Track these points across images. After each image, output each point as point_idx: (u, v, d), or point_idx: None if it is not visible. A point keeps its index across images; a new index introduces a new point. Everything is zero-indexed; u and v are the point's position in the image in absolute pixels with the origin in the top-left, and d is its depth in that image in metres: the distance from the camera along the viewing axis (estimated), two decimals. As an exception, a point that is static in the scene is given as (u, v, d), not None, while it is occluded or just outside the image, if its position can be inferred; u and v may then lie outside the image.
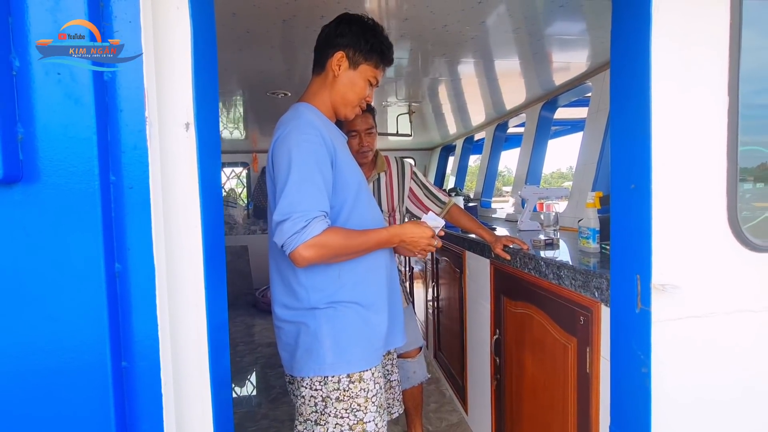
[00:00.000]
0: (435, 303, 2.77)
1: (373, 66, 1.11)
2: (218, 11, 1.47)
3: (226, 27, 1.60)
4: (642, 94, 0.77)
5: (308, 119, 0.98)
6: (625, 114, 0.82)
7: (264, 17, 1.53)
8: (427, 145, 5.49)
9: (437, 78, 2.57)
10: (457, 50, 2.02)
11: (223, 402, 0.71)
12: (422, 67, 2.34)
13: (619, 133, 0.85)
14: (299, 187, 0.90)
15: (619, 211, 0.86)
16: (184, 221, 0.66)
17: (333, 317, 0.99)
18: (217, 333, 0.70)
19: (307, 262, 0.90)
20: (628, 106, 0.81)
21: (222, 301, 0.73)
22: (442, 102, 3.25)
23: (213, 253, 0.69)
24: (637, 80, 0.78)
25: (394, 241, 1.06)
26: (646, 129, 0.77)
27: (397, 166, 1.74)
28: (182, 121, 0.66)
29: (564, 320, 1.24)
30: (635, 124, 0.80)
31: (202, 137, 0.67)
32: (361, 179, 1.11)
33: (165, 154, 0.65)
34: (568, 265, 1.19)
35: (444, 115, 3.76)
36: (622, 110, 0.83)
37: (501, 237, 1.59)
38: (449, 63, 2.25)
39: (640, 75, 0.77)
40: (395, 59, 2.07)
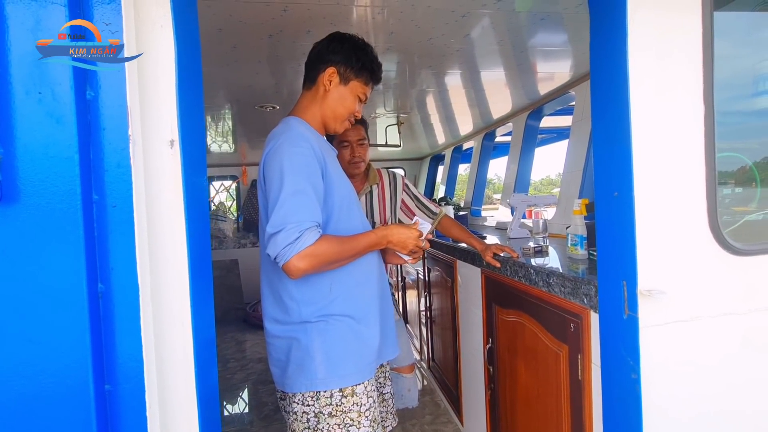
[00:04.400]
0: (428, 313, 2.76)
1: (363, 83, 1.12)
2: (204, 27, 1.48)
3: (213, 42, 1.61)
4: (621, 104, 0.79)
5: (299, 132, 0.99)
6: (606, 124, 0.84)
7: (250, 32, 1.54)
8: (417, 154, 5.53)
9: (425, 89, 2.61)
10: (442, 62, 2.05)
11: (211, 422, 0.70)
12: (410, 79, 2.37)
13: (600, 143, 0.86)
14: (292, 198, 0.90)
15: (603, 218, 0.87)
16: (170, 239, 0.65)
17: (324, 331, 0.99)
18: (204, 351, 0.69)
19: (301, 273, 0.89)
20: (609, 116, 0.83)
21: (209, 318, 0.72)
22: (431, 112, 3.30)
23: (199, 270, 0.68)
24: (615, 91, 0.80)
25: (382, 242, 1.07)
26: (626, 138, 0.79)
27: (390, 179, 1.74)
28: (167, 138, 0.66)
29: (555, 327, 1.24)
30: (616, 134, 0.81)
31: (188, 154, 0.67)
32: (351, 191, 1.11)
33: (149, 171, 0.65)
34: (557, 272, 1.20)
35: (433, 125, 3.80)
36: (603, 120, 0.85)
37: (491, 245, 1.59)
38: (436, 75, 2.29)
39: (619, 86, 0.79)
40: (384, 71, 2.13)
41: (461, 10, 1.47)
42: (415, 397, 1.79)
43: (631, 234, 0.79)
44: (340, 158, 1.62)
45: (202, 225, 0.72)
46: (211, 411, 0.70)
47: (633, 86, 0.78)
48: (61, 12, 0.59)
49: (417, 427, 2.29)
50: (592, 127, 0.89)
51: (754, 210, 0.95)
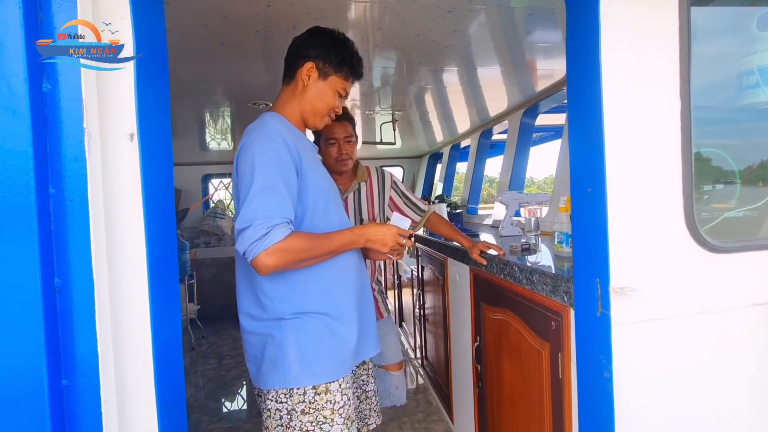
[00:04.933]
0: (421, 311, 2.76)
1: (343, 78, 1.12)
2: (190, 22, 1.48)
3: (199, 38, 1.61)
4: (594, 98, 0.78)
5: (273, 127, 0.98)
6: (580, 119, 0.83)
7: (236, 28, 1.54)
8: (416, 153, 5.52)
9: (423, 86, 2.59)
10: (434, 59, 2.04)
11: (173, 421, 0.69)
12: (405, 75, 2.35)
13: (575, 138, 0.85)
14: (262, 194, 0.90)
15: (578, 214, 0.86)
16: (129, 234, 0.65)
17: (299, 328, 0.98)
18: (166, 349, 0.68)
19: (269, 270, 0.89)
20: (582, 111, 0.82)
21: (172, 317, 0.72)
22: (429, 110, 3.28)
23: (161, 266, 0.68)
24: (588, 85, 0.79)
25: (359, 241, 1.05)
26: (599, 133, 0.77)
27: (378, 176, 1.73)
28: (126, 131, 0.65)
29: (537, 325, 1.23)
30: (589, 129, 0.80)
31: (149, 148, 0.67)
32: (330, 188, 1.10)
33: (108, 165, 0.64)
34: (538, 269, 1.19)
35: (431, 123, 3.79)
36: (577, 115, 0.83)
37: (478, 243, 1.58)
38: (432, 72, 2.27)
39: (592, 80, 0.78)
40: (381, 68, 2.13)
41: (447, 5, 1.45)
42: (402, 395, 1.78)
43: (603, 230, 0.78)
44: (327, 155, 1.61)
45: (166, 221, 0.71)
46: (174, 409, 0.70)
47: (606, 80, 0.77)
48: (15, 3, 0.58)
49: (408, 425, 2.28)
50: (567, 123, 0.87)
51: (733, 207, 0.93)
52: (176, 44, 1.65)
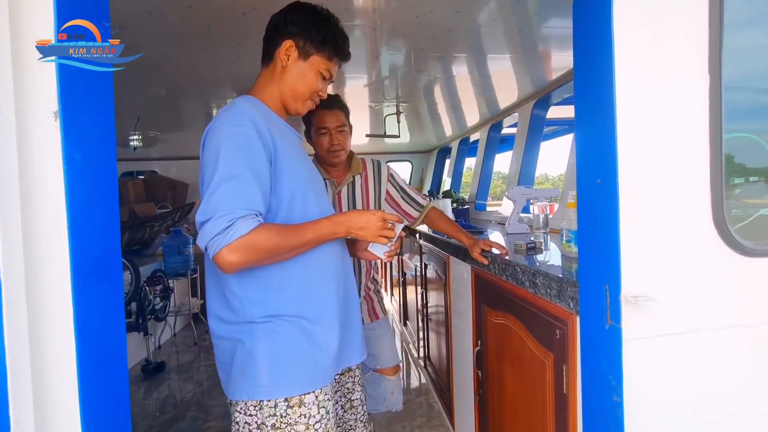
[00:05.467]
0: (424, 311, 2.65)
1: (326, 58, 1.01)
2: (174, 3, 1.39)
3: (185, 22, 1.52)
4: (603, 72, 0.66)
5: (242, 110, 0.89)
6: (587, 97, 0.71)
7: (221, 10, 1.45)
8: (424, 147, 5.39)
9: (431, 77, 2.47)
10: (439, 44, 1.92)
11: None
12: (412, 64, 2.23)
13: (582, 119, 0.73)
14: (225, 184, 0.81)
15: (585, 210, 0.74)
16: (54, 225, 0.56)
17: (271, 333, 0.89)
18: (91, 357, 0.59)
19: (233, 268, 0.80)
20: (590, 88, 0.70)
21: (110, 321, 0.63)
22: (437, 102, 3.15)
23: (88, 263, 0.59)
24: (597, 56, 0.67)
25: (339, 230, 0.95)
26: (609, 112, 0.65)
27: (374, 169, 1.63)
28: (50, 109, 0.56)
29: (541, 333, 1.11)
30: (598, 108, 0.68)
31: (75, 128, 0.57)
32: (311, 178, 1.00)
33: (26, 147, 0.55)
34: (542, 271, 1.07)
35: (439, 116, 3.66)
36: (584, 94, 0.71)
37: (479, 241, 1.47)
38: (437, 60, 2.15)
39: (601, 50, 0.66)
40: (389, 54, 2.02)
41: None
42: (399, 400, 1.68)
43: (614, 228, 0.66)
44: (318, 146, 1.52)
45: (100, 213, 0.62)
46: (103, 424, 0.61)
47: (619, 48, 0.65)
48: None
49: (408, 430, 2.19)
50: (574, 105, 0.75)
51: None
52: (161, 29, 1.57)
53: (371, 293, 1.67)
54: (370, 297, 1.66)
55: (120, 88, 2.33)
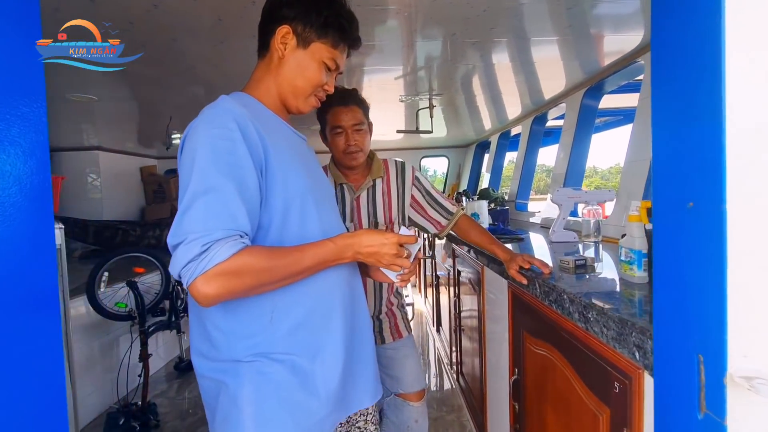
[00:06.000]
0: (457, 321, 2.45)
1: (330, 45, 0.86)
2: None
3: (196, 14, 1.42)
4: (706, 46, 0.44)
5: (226, 108, 0.74)
6: (676, 85, 0.49)
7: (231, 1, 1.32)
8: (462, 142, 5.11)
9: (468, 65, 2.24)
10: (474, 28, 1.69)
11: None
12: (444, 52, 2.03)
13: (664, 118, 0.52)
14: (201, 199, 0.67)
15: (665, 241, 0.53)
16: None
17: (259, 375, 0.75)
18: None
19: (210, 301, 0.66)
20: (679, 72, 0.48)
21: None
22: (475, 93, 2.91)
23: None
24: (697, 23, 0.45)
25: (345, 254, 0.80)
26: (714, 107, 0.44)
27: (397, 171, 1.46)
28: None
29: (593, 380, 0.90)
30: (693, 101, 0.47)
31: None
32: (312, 187, 0.84)
33: None
34: (596, 305, 0.86)
35: (477, 108, 3.40)
36: (669, 80, 0.50)
37: (517, 256, 1.26)
38: (475, 47, 1.92)
39: (704, 14, 0.44)
40: (423, 42, 1.83)
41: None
42: (424, 428, 1.51)
43: (716, 274, 0.45)
44: (334, 147, 1.36)
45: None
46: None
47: (730, 13, 0.43)
48: None
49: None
50: (651, 95, 0.54)
51: None
52: (171, 22, 1.48)
53: (394, 309, 1.50)
54: (392, 313, 1.50)
55: (148, 87, 2.28)
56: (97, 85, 2.26)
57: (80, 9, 1.32)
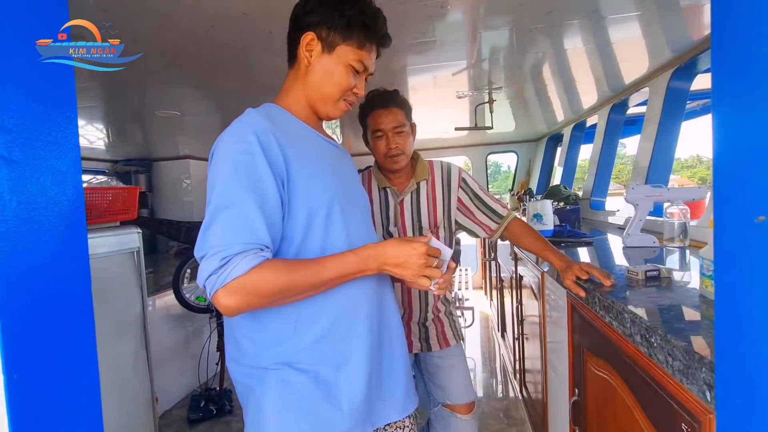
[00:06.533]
0: (520, 328, 2.30)
1: (356, 46, 0.84)
2: (229, 9, 1.36)
3: (249, 29, 1.49)
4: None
5: (248, 121, 0.76)
6: (746, 68, 0.38)
7: (277, 18, 1.37)
8: (532, 135, 4.79)
9: (537, 53, 2.08)
10: (540, 14, 1.55)
11: None
12: (511, 41, 1.89)
13: (729, 107, 0.41)
14: (222, 214, 0.69)
15: (729, 263, 0.42)
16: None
17: (283, 384, 0.76)
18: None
19: (231, 312, 0.69)
20: (756, 51, 0.37)
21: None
22: (546, 82, 2.69)
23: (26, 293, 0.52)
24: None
25: (369, 266, 0.77)
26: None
27: (443, 173, 1.40)
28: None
29: (657, 415, 0.77)
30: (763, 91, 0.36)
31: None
32: (339, 195, 0.83)
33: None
34: (659, 330, 0.72)
35: (549, 98, 3.15)
36: (741, 63, 0.39)
37: (574, 264, 1.13)
38: (540, 32, 1.76)
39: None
40: (487, 33, 1.73)
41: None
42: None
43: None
44: (376, 151, 1.35)
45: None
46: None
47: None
48: None
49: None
50: (712, 81, 0.43)
51: None
52: (230, 39, 1.58)
53: (442, 315, 1.45)
54: (439, 320, 1.44)
55: (227, 100, 2.46)
56: (180, 101, 2.51)
57: (151, 38, 1.47)
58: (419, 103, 2.97)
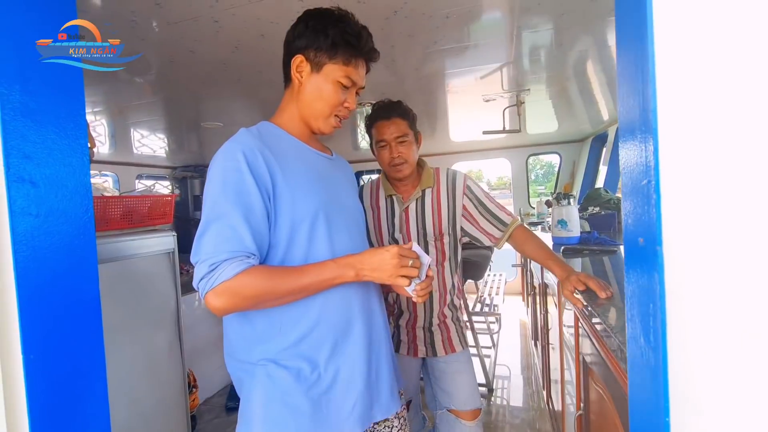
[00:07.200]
0: (545, 336, 2.22)
1: (342, 63, 0.90)
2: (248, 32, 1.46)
3: (260, 50, 1.61)
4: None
5: (238, 141, 0.85)
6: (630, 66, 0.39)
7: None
8: (576, 136, 4.57)
9: (580, 50, 1.99)
10: (581, 11, 1.49)
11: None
12: (549, 40, 1.83)
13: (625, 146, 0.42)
14: (212, 225, 0.79)
15: (630, 273, 0.43)
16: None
17: (268, 378, 0.83)
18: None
19: (220, 312, 0.78)
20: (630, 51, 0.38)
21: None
22: (590, 79, 2.56)
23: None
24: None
25: (347, 273, 0.83)
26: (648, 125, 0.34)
27: (448, 180, 1.42)
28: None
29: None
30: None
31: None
32: (325, 205, 0.89)
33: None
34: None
35: (593, 96, 2.99)
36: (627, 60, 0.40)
37: (573, 275, 1.10)
38: (582, 29, 1.69)
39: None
40: (528, 33, 1.68)
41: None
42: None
43: (657, 330, 0.35)
44: (380, 161, 1.39)
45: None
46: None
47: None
48: None
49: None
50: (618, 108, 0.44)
51: None
52: (245, 60, 1.70)
53: (448, 321, 1.46)
54: (446, 326, 1.46)
55: (270, 108, 2.63)
56: (221, 113, 2.73)
57: (185, 61, 1.63)
58: (454, 105, 2.96)
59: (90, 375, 0.70)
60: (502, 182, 19.52)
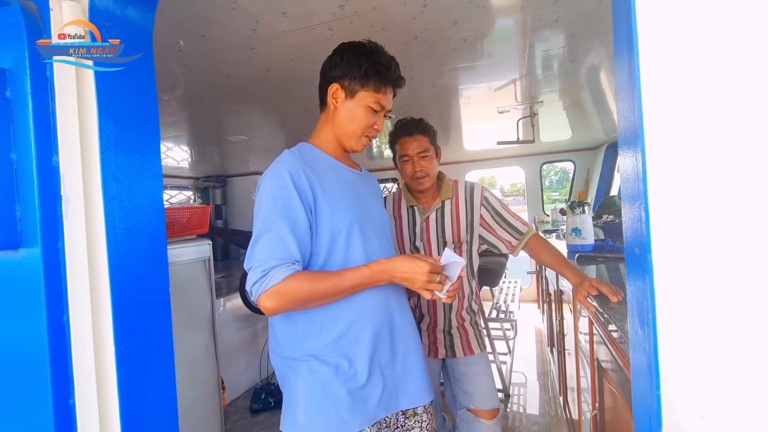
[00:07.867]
0: (561, 342, 2.28)
1: (373, 91, 1.02)
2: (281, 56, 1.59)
3: (290, 71, 1.73)
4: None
5: (283, 160, 0.97)
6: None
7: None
8: (590, 143, 4.60)
9: (592, 63, 2.05)
10: (593, 24, 1.54)
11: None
12: (562, 54, 1.91)
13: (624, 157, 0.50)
14: (263, 236, 0.90)
15: (631, 277, 0.51)
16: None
17: (310, 372, 0.93)
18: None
19: (270, 312, 0.88)
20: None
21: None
22: (603, 89, 2.63)
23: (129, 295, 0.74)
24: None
25: (380, 278, 0.94)
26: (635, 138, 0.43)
27: (466, 192, 1.51)
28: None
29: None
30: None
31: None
32: (359, 217, 1.00)
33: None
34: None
35: (607, 104, 3.05)
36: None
37: (586, 280, 1.18)
38: (594, 43, 1.76)
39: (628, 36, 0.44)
40: (539, 44, 1.75)
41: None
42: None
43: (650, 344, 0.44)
44: (404, 174, 1.50)
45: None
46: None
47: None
48: None
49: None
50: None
51: None
52: (277, 80, 1.83)
53: (466, 325, 1.54)
54: (464, 329, 1.54)
55: (292, 121, 2.75)
56: (246, 128, 2.88)
57: (222, 82, 1.76)
58: (468, 117, 3.05)
59: (162, 361, 0.81)
60: (515, 189, 19.47)
